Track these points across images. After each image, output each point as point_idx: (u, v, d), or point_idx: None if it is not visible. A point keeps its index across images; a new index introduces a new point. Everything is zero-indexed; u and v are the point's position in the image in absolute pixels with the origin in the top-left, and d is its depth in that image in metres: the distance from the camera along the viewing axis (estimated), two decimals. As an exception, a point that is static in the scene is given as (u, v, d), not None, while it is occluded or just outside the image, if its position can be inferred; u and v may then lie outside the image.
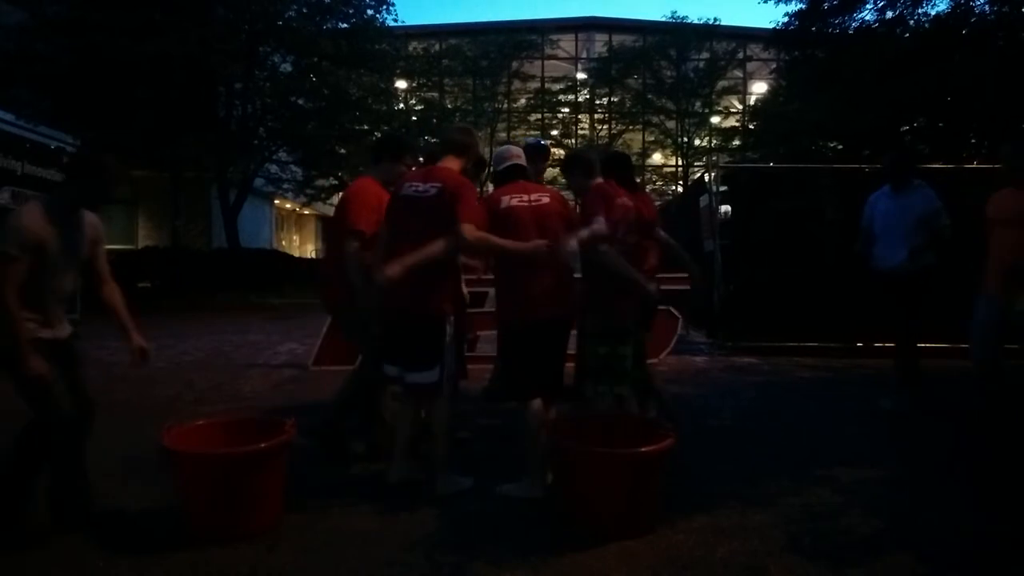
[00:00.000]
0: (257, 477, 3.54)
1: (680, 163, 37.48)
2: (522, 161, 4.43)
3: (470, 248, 3.99)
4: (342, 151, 22.85)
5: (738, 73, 38.28)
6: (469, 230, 3.84)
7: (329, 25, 21.22)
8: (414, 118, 28.60)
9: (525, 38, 36.32)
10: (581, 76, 38.83)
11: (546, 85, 38.06)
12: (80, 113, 15.65)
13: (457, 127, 4.70)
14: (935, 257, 5.98)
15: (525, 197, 4.14)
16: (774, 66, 32.40)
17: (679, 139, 36.59)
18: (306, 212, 37.39)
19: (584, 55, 40.24)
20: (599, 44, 39.57)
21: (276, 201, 31.23)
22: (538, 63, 38.30)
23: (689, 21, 34.97)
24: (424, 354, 4.03)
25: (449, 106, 33.39)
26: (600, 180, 4.38)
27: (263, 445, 3.54)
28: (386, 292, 4.00)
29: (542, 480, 4.03)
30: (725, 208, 10.39)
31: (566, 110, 39.08)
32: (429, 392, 4.08)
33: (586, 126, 39.31)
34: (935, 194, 6.06)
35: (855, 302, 8.99)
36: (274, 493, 3.64)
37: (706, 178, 10.99)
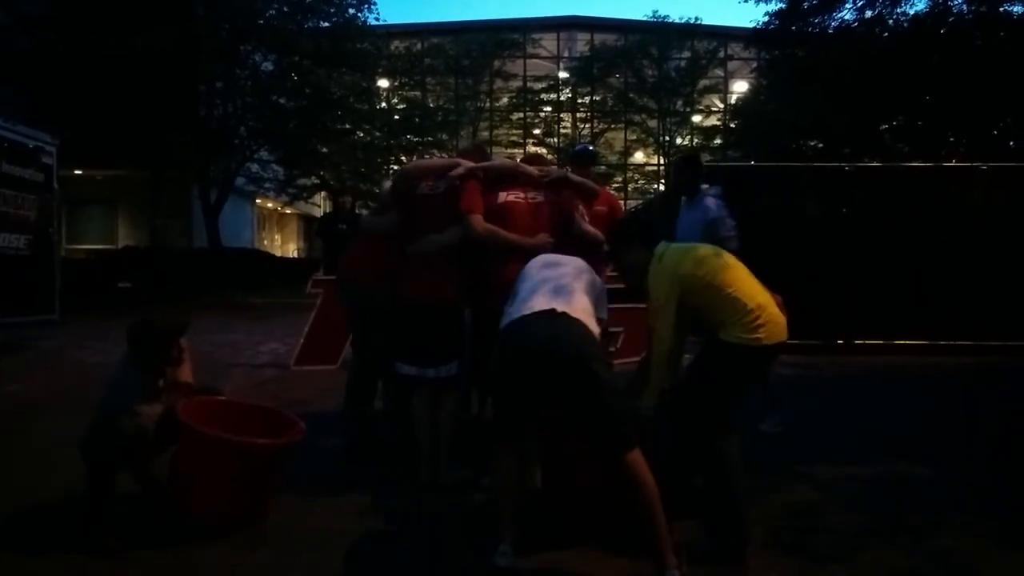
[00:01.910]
0: (275, 469, 3.58)
1: (662, 162, 37.59)
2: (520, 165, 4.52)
3: (479, 240, 4.04)
4: (324, 150, 22.79)
5: (719, 72, 38.45)
6: (478, 221, 4.01)
7: (310, 24, 21.15)
8: (396, 117, 28.55)
9: (507, 37, 36.40)
10: (563, 75, 38.91)
11: (528, 84, 38.09)
12: (60, 112, 15.51)
13: (473, 143, 4.87)
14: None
15: (522, 194, 4.22)
16: (755, 65, 32.55)
17: (661, 138, 36.73)
18: (288, 211, 37.24)
19: (566, 54, 40.30)
20: (581, 43, 39.64)
21: (258, 200, 31.07)
22: (520, 62, 38.35)
23: (670, 20, 35.12)
24: (444, 347, 4.09)
25: (431, 105, 33.31)
26: None
27: (291, 438, 3.59)
28: (402, 286, 4.15)
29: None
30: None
31: (548, 109, 39.17)
32: (449, 386, 4.13)
33: (568, 125, 39.38)
34: (720, 202, 5.47)
35: (836, 299, 9.07)
36: (274, 486, 3.67)
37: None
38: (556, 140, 38.40)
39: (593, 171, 5.76)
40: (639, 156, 40.38)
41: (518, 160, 5.04)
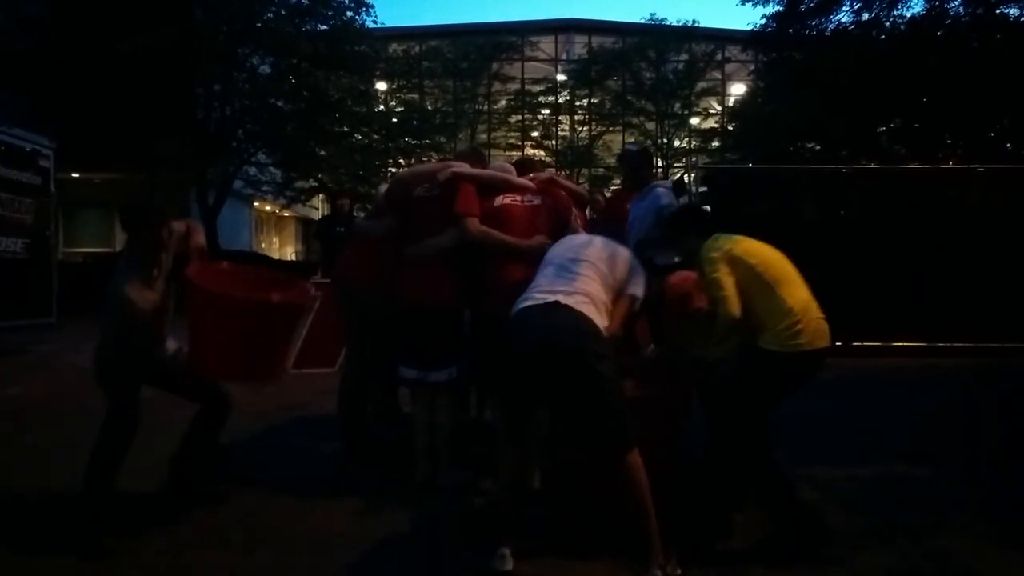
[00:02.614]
0: (283, 328, 3.68)
1: (660, 164, 37.55)
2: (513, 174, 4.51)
3: (474, 242, 4.05)
4: (321, 153, 22.74)
5: (717, 75, 38.41)
6: (473, 224, 4.02)
7: (308, 27, 21.11)
8: (394, 120, 28.51)
9: (505, 40, 36.33)
10: (561, 78, 38.82)
11: (526, 87, 38.06)
12: (57, 114, 15.50)
13: (471, 146, 4.94)
14: (677, 255, 4.51)
15: (518, 197, 4.22)
16: (752, 68, 32.55)
17: (659, 140, 36.64)
18: (286, 214, 37.18)
19: (564, 57, 40.25)
20: (579, 46, 39.59)
21: (255, 203, 31.01)
22: (518, 64, 38.31)
23: (668, 23, 35.04)
24: (443, 350, 4.11)
25: (429, 108, 33.27)
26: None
27: (299, 296, 3.76)
28: (400, 289, 4.17)
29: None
30: (704, 209, 10.44)
31: (546, 111, 39.09)
32: (448, 389, 4.16)
33: (566, 127, 39.36)
34: (666, 192, 5.51)
35: (834, 301, 9.06)
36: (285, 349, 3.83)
37: (686, 179, 11.03)
38: (554, 142, 38.37)
39: (647, 170, 5.83)
40: (637, 158, 40.30)
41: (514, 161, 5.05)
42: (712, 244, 3.44)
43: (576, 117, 39.42)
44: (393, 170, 25.13)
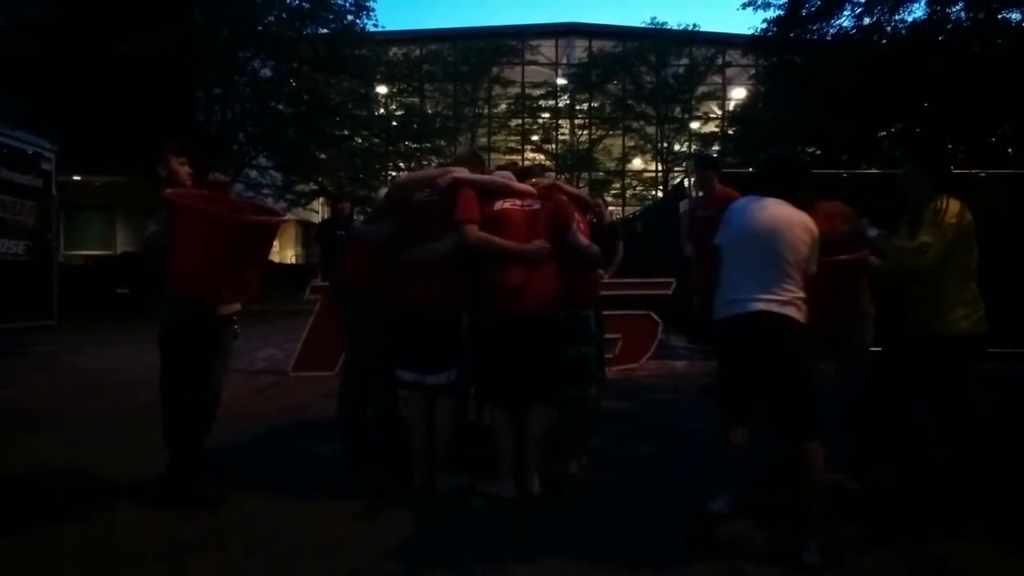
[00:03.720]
0: (255, 248, 3.86)
1: (660, 168, 37.60)
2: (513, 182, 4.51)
3: (473, 248, 4.05)
4: (322, 156, 22.78)
5: (717, 79, 38.49)
6: (472, 230, 4.02)
7: (309, 30, 21.15)
8: (394, 123, 28.55)
9: (505, 44, 36.48)
10: (561, 81, 38.93)
11: (526, 90, 38.14)
12: (58, 116, 15.51)
13: (469, 150, 4.97)
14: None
15: (518, 202, 4.22)
16: (753, 72, 32.60)
17: (659, 144, 36.72)
18: (286, 217, 37.20)
19: (564, 61, 40.37)
20: (579, 50, 39.73)
21: (256, 206, 30.97)
22: (518, 68, 38.44)
23: (669, 27, 35.08)
24: (442, 353, 4.11)
25: (430, 111, 33.33)
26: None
27: (271, 219, 3.93)
28: (400, 293, 4.19)
29: (514, 481, 4.09)
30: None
31: (546, 115, 39.17)
32: (446, 392, 4.15)
33: (566, 131, 39.42)
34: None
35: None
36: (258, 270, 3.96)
37: (686, 183, 11.03)
38: (554, 146, 38.44)
39: (712, 175, 6.12)
40: (637, 163, 40.38)
41: (516, 165, 5.06)
42: (960, 208, 3.76)
43: (576, 121, 39.50)
44: (393, 173, 25.19)
